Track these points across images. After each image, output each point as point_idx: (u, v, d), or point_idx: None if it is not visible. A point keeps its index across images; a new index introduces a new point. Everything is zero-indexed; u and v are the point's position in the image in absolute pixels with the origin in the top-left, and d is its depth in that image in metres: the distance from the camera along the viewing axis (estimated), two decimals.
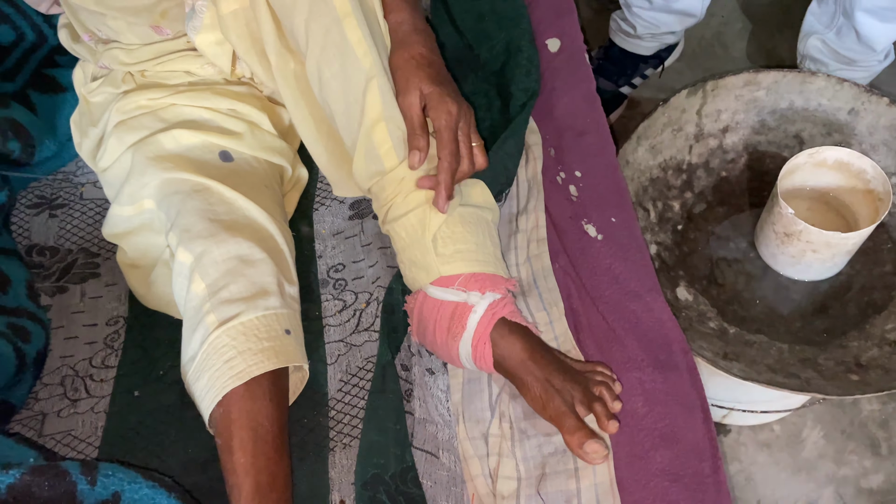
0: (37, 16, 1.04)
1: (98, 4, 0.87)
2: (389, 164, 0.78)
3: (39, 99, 1.01)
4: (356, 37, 0.74)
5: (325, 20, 0.74)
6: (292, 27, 0.76)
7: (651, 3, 1.36)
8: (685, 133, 1.07)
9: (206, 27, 0.85)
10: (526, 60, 0.98)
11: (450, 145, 0.76)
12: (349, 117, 0.78)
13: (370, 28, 0.76)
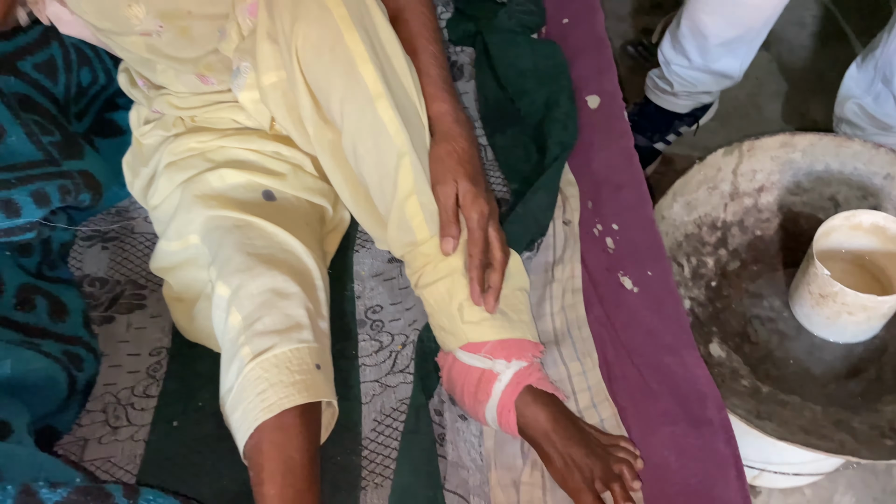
0: (109, 59, 1.10)
1: (149, 51, 0.93)
2: (421, 236, 0.82)
3: (102, 143, 1.06)
4: (388, 116, 0.77)
5: (360, 101, 0.77)
6: (329, 105, 0.80)
7: (690, 61, 1.39)
8: (720, 191, 1.08)
9: (249, 86, 0.89)
10: (563, 115, 1.01)
11: (480, 243, 0.81)
12: (383, 190, 0.82)
13: (401, 108, 0.79)
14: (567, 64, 1.07)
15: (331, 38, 0.75)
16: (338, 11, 0.75)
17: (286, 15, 0.76)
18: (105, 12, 0.89)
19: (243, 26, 0.86)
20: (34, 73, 0.98)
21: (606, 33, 1.12)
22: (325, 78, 0.77)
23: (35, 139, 0.91)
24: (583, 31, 1.11)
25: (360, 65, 0.76)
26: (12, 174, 0.85)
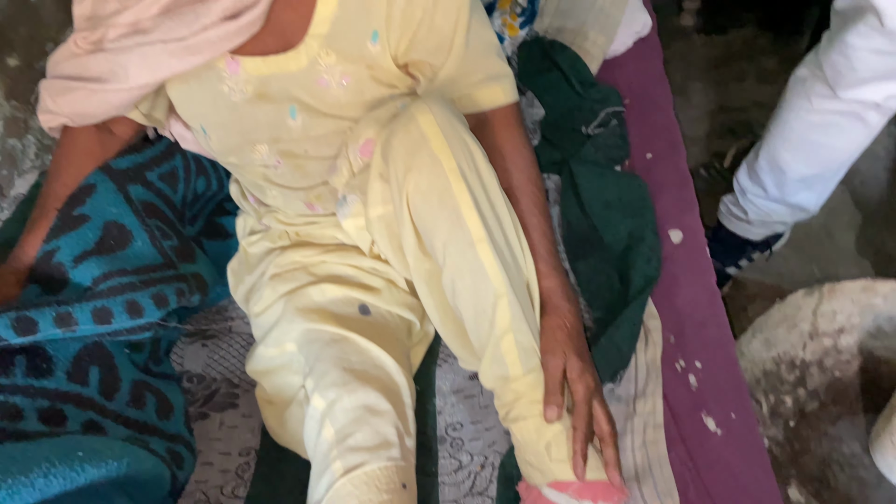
0: (223, 170, 1.20)
1: (264, 179, 1.02)
2: (514, 373, 0.85)
3: (210, 245, 1.14)
4: (488, 260, 0.82)
5: (462, 243, 0.82)
6: (432, 243, 0.85)
7: (766, 193, 1.43)
8: (800, 330, 1.10)
9: (354, 215, 0.96)
10: (648, 249, 1.05)
11: (586, 417, 0.83)
12: (478, 325, 0.86)
13: (500, 252, 0.84)
14: (651, 198, 1.11)
15: (440, 186, 0.81)
16: (448, 164, 0.81)
17: (401, 164, 0.83)
18: (232, 151, 0.99)
19: (354, 164, 0.93)
20: (159, 183, 1.07)
21: (691, 179, 1.17)
22: (431, 220, 0.83)
23: (157, 243, 0.99)
24: (666, 167, 1.17)
25: (464, 212, 0.81)
26: (137, 277, 0.92)
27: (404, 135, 0.83)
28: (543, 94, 1.35)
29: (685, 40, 2.23)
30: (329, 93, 0.91)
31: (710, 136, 1.98)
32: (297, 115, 0.93)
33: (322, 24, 0.87)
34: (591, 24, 1.38)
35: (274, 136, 0.95)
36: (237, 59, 0.90)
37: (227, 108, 0.93)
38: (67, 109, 0.93)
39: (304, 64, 0.89)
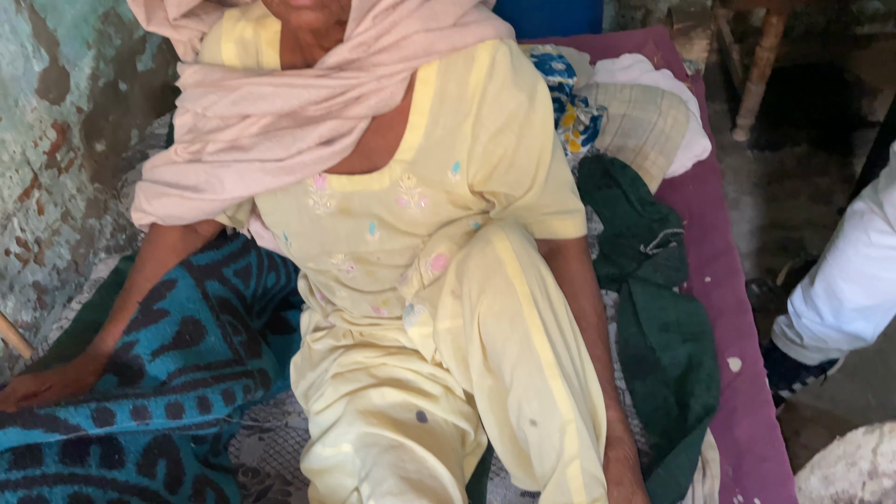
0: (292, 265, 1.25)
1: (336, 281, 1.06)
2: (578, 500, 0.85)
3: (274, 339, 1.18)
4: (557, 386, 0.84)
5: (531, 367, 0.84)
6: (500, 365, 0.87)
7: (822, 319, 1.42)
8: (859, 468, 1.08)
9: (420, 324, 0.99)
10: (707, 376, 1.05)
11: None
12: (543, 449, 0.86)
13: (569, 378, 0.86)
14: (710, 324, 1.12)
15: (512, 310, 0.84)
16: (521, 289, 0.84)
17: (475, 285, 0.86)
18: (310, 258, 1.03)
19: (425, 276, 0.97)
20: (234, 279, 1.12)
21: (747, 295, 1.18)
22: (501, 342, 0.85)
23: (228, 339, 1.03)
24: (725, 292, 1.18)
25: (535, 337, 0.84)
26: (209, 373, 0.96)
27: (480, 258, 0.86)
28: (603, 209, 1.38)
29: (738, 155, 2.27)
30: (407, 212, 0.96)
31: (762, 251, 1.99)
32: (375, 231, 0.97)
33: (407, 151, 0.92)
34: (652, 145, 1.43)
35: (352, 248, 0.99)
36: (324, 176, 0.95)
37: (310, 219, 0.98)
38: (161, 212, 0.99)
39: (386, 184, 0.94)
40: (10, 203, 1.31)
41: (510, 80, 0.89)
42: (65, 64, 1.47)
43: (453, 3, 0.87)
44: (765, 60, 2.10)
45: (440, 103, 0.90)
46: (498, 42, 0.89)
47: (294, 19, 0.80)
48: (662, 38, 1.67)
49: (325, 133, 0.88)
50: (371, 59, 0.86)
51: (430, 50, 0.86)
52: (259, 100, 0.88)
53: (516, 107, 0.91)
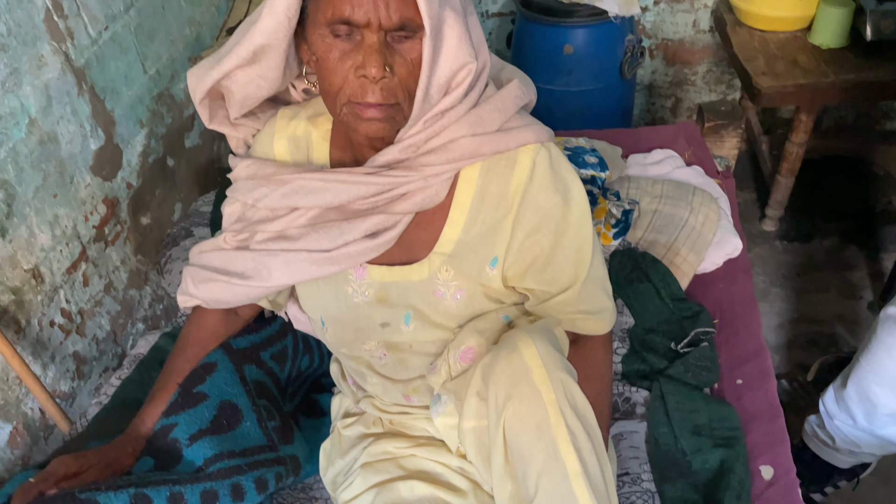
0: (324, 347, 1.27)
1: (367, 368, 1.08)
2: None
3: (305, 422, 1.20)
4: (583, 495, 0.84)
5: (556, 475, 0.84)
6: (525, 471, 0.87)
7: (854, 422, 1.40)
8: None
9: (446, 414, 1.00)
10: (737, 483, 1.05)
11: None
12: None
13: (596, 487, 0.86)
14: (742, 429, 1.12)
15: (539, 417, 0.85)
16: (548, 397, 0.85)
17: (501, 390, 0.87)
18: (344, 344, 1.06)
19: (453, 368, 0.98)
20: (270, 362, 1.14)
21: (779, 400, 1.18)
22: (527, 448, 0.86)
23: (263, 424, 1.05)
24: (757, 396, 1.18)
25: (561, 446, 0.84)
26: (243, 460, 0.97)
27: (507, 363, 0.88)
28: (633, 303, 1.40)
29: (767, 245, 2.29)
30: (443, 303, 0.98)
31: (792, 345, 1.98)
32: (410, 322, 1.00)
33: (447, 244, 0.96)
34: (683, 241, 1.45)
35: (386, 337, 1.02)
36: (365, 266, 0.98)
37: (348, 307, 1.01)
38: (206, 296, 1.03)
39: (424, 276, 0.97)
40: (59, 276, 1.36)
41: (548, 181, 0.94)
42: (119, 142, 1.54)
43: (498, 111, 0.92)
44: (794, 155, 2.14)
45: (481, 201, 0.94)
46: (539, 146, 0.94)
47: (363, 129, 0.86)
48: (693, 135, 1.71)
49: (370, 227, 0.92)
50: (419, 160, 0.90)
51: (476, 153, 0.91)
52: (309, 193, 0.92)
53: (552, 207, 0.94)
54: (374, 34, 0.81)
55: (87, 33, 1.43)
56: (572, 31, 2.10)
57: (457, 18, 0.84)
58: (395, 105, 0.85)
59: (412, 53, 0.83)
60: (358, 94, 0.83)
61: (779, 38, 2.12)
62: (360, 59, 0.82)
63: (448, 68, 0.85)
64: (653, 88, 2.66)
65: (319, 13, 0.83)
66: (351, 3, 0.80)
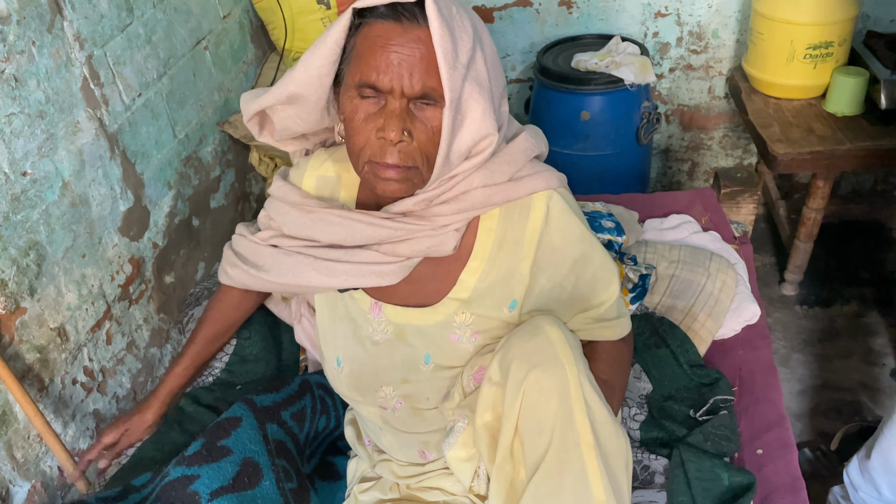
0: (342, 407, 1.27)
1: (382, 421, 1.09)
2: None
3: (321, 485, 1.19)
4: (593, 465, 0.85)
5: (569, 443, 0.85)
6: (536, 442, 0.87)
7: (880, 494, 1.37)
8: None
9: (459, 444, 0.99)
10: None
11: None
12: None
13: (607, 461, 0.87)
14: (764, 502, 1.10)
15: (560, 387, 0.86)
16: (570, 369, 0.87)
17: (524, 363, 0.88)
18: (358, 388, 1.07)
19: (466, 388, 0.99)
20: (290, 422, 1.15)
21: (800, 471, 1.16)
22: (544, 416, 0.86)
23: (281, 485, 1.05)
24: (778, 467, 1.16)
25: (577, 417, 0.86)
26: None
27: (530, 337, 0.90)
28: (651, 369, 1.39)
29: (787, 310, 2.27)
30: (459, 347, 1.00)
31: (815, 413, 1.95)
32: (430, 361, 1.01)
33: (463, 291, 1.00)
34: (701, 307, 1.45)
35: (404, 376, 1.03)
36: (380, 305, 1.03)
37: (368, 345, 1.04)
38: (235, 278, 1.13)
39: (440, 319, 1.00)
40: (83, 334, 1.38)
41: (563, 224, 0.99)
42: (147, 203, 1.59)
43: (507, 163, 0.98)
44: (812, 220, 2.14)
45: (498, 249, 0.99)
46: (551, 192, 0.99)
47: (380, 187, 0.92)
48: (710, 201, 1.73)
49: (372, 256, 0.97)
50: (431, 210, 0.96)
51: (486, 203, 0.97)
52: (327, 226, 0.98)
53: (570, 249, 0.99)
54: (397, 100, 0.87)
55: (121, 100, 1.49)
56: (589, 98, 2.15)
57: (481, 93, 0.89)
58: (413, 168, 0.90)
59: (433, 121, 0.88)
60: (378, 154, 0.89)
61: (794, 106, 2.15)
62: (381, 122, 0.88)
63: (470, 138, 0.91)
64: (669, 153, 2.69)
65: (349, 76, 0.90)
66: (377, 70, 0.86)
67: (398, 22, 0.86)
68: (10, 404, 1.20)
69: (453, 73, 0.85)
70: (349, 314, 1.06)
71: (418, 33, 0.86)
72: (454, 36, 0.86)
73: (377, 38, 0.87)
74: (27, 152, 1.23)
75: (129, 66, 1.52)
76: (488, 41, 0.95)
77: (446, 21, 0.85)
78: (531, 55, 2.51)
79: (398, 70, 0.86)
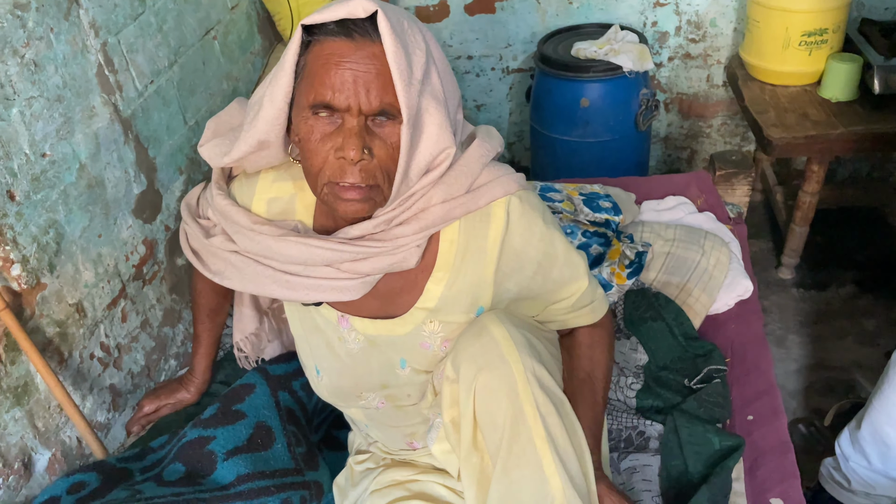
0: None
1: (367, 419, 1.12)
2: None
3: (328, 455, 1.25)
4: (547, 457, 0.89)
5: (522, 438, 0.90)
6: (492, 439, 0.92)
7: (869, 464, 1.42)
8: None
9: (440, 439, 1.03)
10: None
11: None
12: None
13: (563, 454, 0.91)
14: (753, 464, 1.15)
15: (507, 386, 0.90)
16: (517, 367, 0.91)
17: (472, 365, 0.92)
18: (339, 396, 1.10)
19: (438, 388, 1.02)
20: (300, 391, 1.20)
21: (789, 437, 1.21)
22: (496, 415, 0.91)
23: (292, 449, 1.10)
24: (767, 431, 1.21)
25: (527, 411, 0.90)
26: (272, 481, 1.02)
27: (475, 339, 0.93)
28: (647, 341, 1.44)
29: (784, 293, 2.32)
30: (430, 353, 1.03)
31: (809, 391, 1.99)
32: (406, 366, 1.04)
33: (430, 300, 1.00)
34: (695, 283, 1.50)
35: (383, 381, 1.06)
36: (346, 317, 1.03)
37: (342, 354, 1.05)
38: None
39: (408, 329, 1.01)
40: (100, 311, 1.43)
41: (524, 227, 0.98)
42: (159, 187, 1.64)
43: (465, 175, 0.95)
44: (807, 204, 2.19)
45: (462, 258, 0.98)
46: (510, 197, 0.98)
47: (342, 208, 0.88)
48: (705, 183, 1.77)
49: (332, 273, 0.94)
50: (391, 231, 0.94)
51: (447, 217, 0.95)
52: (283, 251, 0.94)
53: (534, 250, 1.00)
54: (354, 118, 0.84)
55: (134, 87, 1.54)
56: (588, 85, 2.19)
57: (437, 107, 0.87)
58: (375, 186, 0.87)
59: (392, 137, 0.86)
60: (337, 174, 0.85)
61: (789, 92, 2.19)
62: (339, 142, 0.84)
63: (429, 153, 0.89)
64: (669, 140, 2.74)
65: (303, 96, 0.86)
66: (332, 88, 0.83)
67: (350, 39, 0.83)
68: (31, 375, 1.25)
69: (409, 89, 0.82)
70: (318, 326, 1.05)
71: (372, 49, 0.83)
72: (408, 51, 0.83)
73: (330, 56, 0.83)
74: (46, 134, 1.29)
75: (142, 54, 1.57)
76: (438, 51, 0.91)
77: (399, 37, 0.82)
78: (532, 45, 2.55)
79: (354, 87, 0.82)
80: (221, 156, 0.99)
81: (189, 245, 1.12)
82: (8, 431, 1.21)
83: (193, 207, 1.15)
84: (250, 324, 1.31)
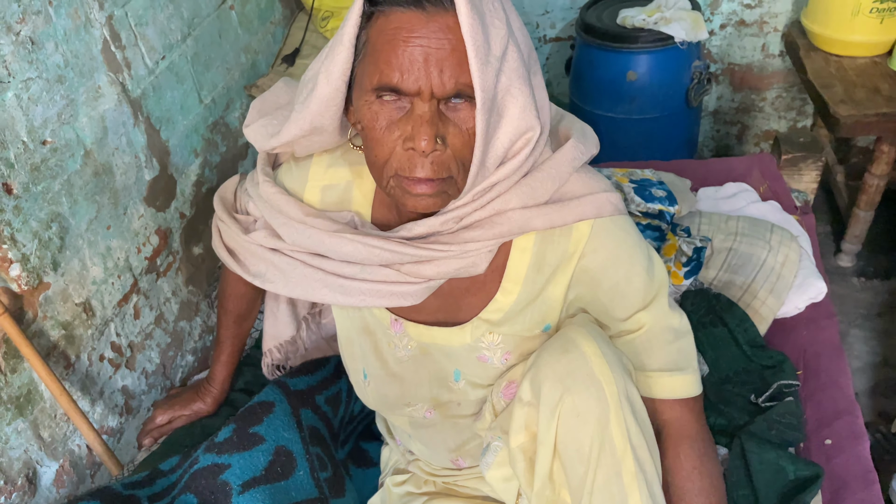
0: None
1: (412, 427, 1.00)
2: None
3: (355, 472, 1.14)
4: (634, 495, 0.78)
5: (610, 472, 0.78)
6: (576, 471, 0.81)
7: None
8: None
9: (497, 464, 0.92)
10: None
11: None
12: None
13: (651, 488, 0.80)
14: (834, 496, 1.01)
15: (598, 411, 0.79)
16: (609, 389, 0.79)
17: (557, 386, 0.80)
18: (384, 405, 1.00)
19: (497, 406, 0.91)
20: (325, 406, 1.09)
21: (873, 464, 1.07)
22: (583, 444, 0.79)
23: (315, 475, 0.99)
24: (848, 458, 1.07)
25: (618, 442, 0.78)
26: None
27: (562, 354, 0.81)
28: (708, 349, 1.30)
29: (844, 283, 2.15)
30: (489, 366, 0.91)
31: (874, 392, 1.84)
32: (461, 379, 0.93)
33: (495, 312, 0.88)
34: (761, 283, 1.35)
35: (434, 394, 0.95)
36: (401, 321, 0.91)
37: (393, 361, 0.94)
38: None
39: (467, 340, 0.90)
40: (110, 309, 1.33)
41: (605, 258, 0.86)
42: (173, 172, 1.52)
43: (551, 179, 0.83)
44: (874, 187, 2.01)
45: (536, 271, 0.87)
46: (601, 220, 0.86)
47: (411, 204, 0.78)
48: (769, 168, 1.61)
49: (392, 275, 0.84)
50: (460, 234, 0.83)
51: (526, 227, 0.83)
52: (339, 247, 0.84)
53: (609, 283, 0.87)
54: (426, 103, 0.72)
55: (144, 63, 1.42)
56: (636, 56, 2.02)
57: (521, 86, 0.75)
58: (448, 179, 0.76)
59: (469, 122, 0.74)
60: (406, 167, 0.75)
61: (857, 65, 2.00)
62: (408, 130, 0.73)
63: (507, 139, 0.77)
64: (718, 115, 2.56)
65: (365, 77, 0.75)
66: (400, 70, 0.71)
67: (421, 9, 0.71)
68: (35, 383, 1.16)
69: (486, 69, 0.71)
70: (367, 327, 0.95)
71: (446, 21, 0.70)
72: (485, 23, 0.71)
73: (397, 31, 0.71)
74: (46, 119, 1.17)
75: (152, 27, 1.44)
76: (517, 20, 0.78)
77: (475, 6, 0.70)
78: (573, 11, 2.37)
79: (425, 67, 0.71)
80: (268, 137, 0.88)
81: (224, 243, 1.01)
82: (10, 445, 1.12)
83: (230, 201, 1.05)
84: (286, 330, 1.19)
